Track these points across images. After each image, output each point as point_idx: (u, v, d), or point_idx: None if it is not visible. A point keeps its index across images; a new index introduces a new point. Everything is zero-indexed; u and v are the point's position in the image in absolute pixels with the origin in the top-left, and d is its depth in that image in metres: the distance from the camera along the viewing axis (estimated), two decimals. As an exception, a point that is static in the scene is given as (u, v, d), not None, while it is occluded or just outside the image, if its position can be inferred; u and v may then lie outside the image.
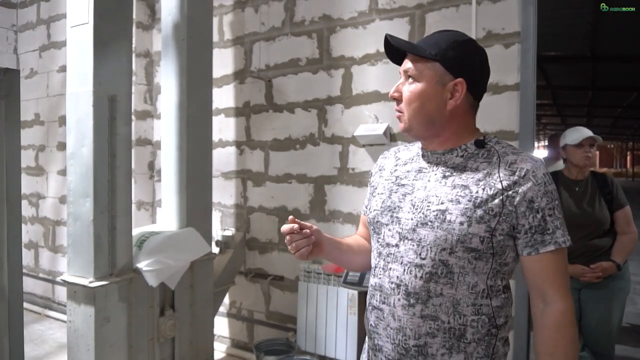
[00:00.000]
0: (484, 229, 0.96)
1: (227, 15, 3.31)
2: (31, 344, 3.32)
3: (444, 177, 1.03)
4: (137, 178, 3.56)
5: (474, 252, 0.97)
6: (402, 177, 1.10)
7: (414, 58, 1.04)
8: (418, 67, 1.03)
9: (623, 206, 2.32)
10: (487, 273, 1.00)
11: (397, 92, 1.07)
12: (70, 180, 2.11)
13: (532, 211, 0.96)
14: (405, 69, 1.06)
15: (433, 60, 1.01)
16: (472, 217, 0.96)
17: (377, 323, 1.07)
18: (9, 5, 4.33)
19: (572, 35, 5.70)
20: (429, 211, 1.00)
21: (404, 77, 1.07)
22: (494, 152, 1.03)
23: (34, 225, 4.27)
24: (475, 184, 0.99)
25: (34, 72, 4.22)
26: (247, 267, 3.23)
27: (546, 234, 0.97)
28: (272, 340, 2.91)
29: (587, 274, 2.24)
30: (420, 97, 1.02)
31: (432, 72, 1.02)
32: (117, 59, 2.11)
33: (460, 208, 0.97)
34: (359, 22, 2.78)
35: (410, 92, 1.04)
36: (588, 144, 2.35)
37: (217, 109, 3.29)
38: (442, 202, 1.00)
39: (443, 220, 0.98)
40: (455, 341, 0.99)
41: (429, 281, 0.99)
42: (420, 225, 1.00)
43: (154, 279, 2.20)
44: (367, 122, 2.74)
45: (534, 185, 0.97)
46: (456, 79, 1.01)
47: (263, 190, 3.16)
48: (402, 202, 1.05)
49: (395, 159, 1.18)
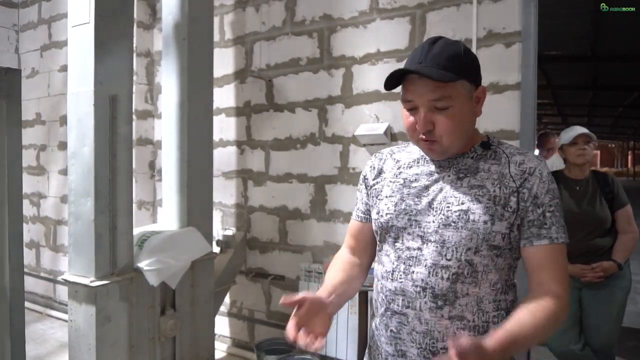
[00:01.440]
0: (505, 225, 0.99)
1: (227, 15, 3.31)
2: (32, 343, 3.32)
3: (459, 179, 1.04)
4: (137, 178, 3.56)
5: (496, 249, 1.00)
6: (412, 180, 1.08)
7: (439, 84, 0.96)
8: (449, 91, 0.97)
9: (624, 205, 2.32)
10: (505, 269, 1.03)
11: (430, 123, 0.99)
12: (71, 180, 2.11)
13: (535, 206, 0.99)
14: (433, 98, 0.97)
15: (459, 78, 0.98)
16: (495, 215, 0.98)
17: (399, 328, 1.05)
18: (10, 4, 4.33)
19: (573, 34, 5.70)
20: (450, 212, 1.00)
21: (423, 108, 0.98)
22: (501, 153, 1.05)
23: (35, 225, 4.28)
24: (492, 183, 1.01)
25: (35, 72, 4.23)
26: (248, 267, 3.23)
27: (542, 228, 0.99)
28: (272, 340, 2.91)
29: (588, 274, 2.24)
30: (461, 120, 1.00)
31: (463, 90, 0.99)
32: (118, 58, 2.11)
33: (482, 207, 0.99)
34: (360, 22, 2.78)
35: (451, 120, 0.98)
36: (582, 142, 2.35)
37: (217, 109, 3.29)
38: (463, 202, 1.00)
39: (467, 220, 0.99)
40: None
41: (456, 282, 0.99)
42: (443, 227, 1.00)
43: (155, 278, 2.20)
44: (368, 121, 2.74)
45: (540, 182, 1.00)
46: (478, 87, 1.03)
47: (264, 190, 3.17)
48: (419, 205, 1.04)
49: (395, 161, 1.15)
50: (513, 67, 2.32)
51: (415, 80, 0.99)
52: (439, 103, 0.98)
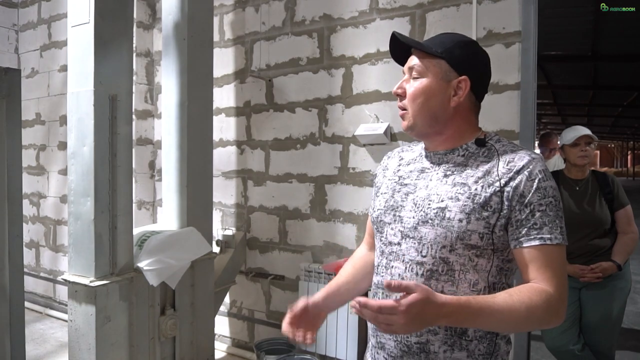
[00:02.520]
0: (482, 225, 0.96)
1: (227, 15, 3.31)
2: (32, 343, 3.33)
3: (445, 176, 1.04)
4: (137, 177, 3.57)
5: (474, 249, 0.98)
6: (405, 177, 1.11)
7: (420, 55, 1.06)
8: (424, 63, 1.04)
9: (624, 205, 2.31)
10: (489, 270, 1.00)
11: (400, 88, 1.08)
12: (71, 180, 2.11)
13: (521, 205, 0.95)
14: (410, 65, 1.07)
15: (439, 57, 1.03)
16: (471, 214, 0.97)
17: None
18: (10, 4, 4.33)
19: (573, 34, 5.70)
20: (429, 209, 1.01)
21: (407, 74, 1.08)
22: (494, 151, 1.03)
23: (35, 225, 4.28)
24: (475, 181, 1.00)
25: (35, 72, 4.23)
26: (248, 267, 3.23)
27: (532, 229, 0.94)
28: (272, 340, 2.91)
29: (587, 275, 2.24)
30: (425, 93, 1.04)
31: (437, 68, 1.03)
32: (118, 58, 2.11)
33: (459, 205, 0.98)
34: (360, 22, 2.78)
35: (415, 87, 1.05)
36: (584, 143, 2.35)
37: (217, 109, 3.29)
38: (442, 199, 1.00)
39: (443, 217, 0.98)
40: (457, 338, 0.99)
41: (430, 278, 0.99)
42: (421, 224, 1.01)
43: (155, 278, 2.20)
44: (368, 121, 2.74)
45: (527, 180, 0.96)
46: (460, 77, 1.03)
47: (264, 190, 3.17)
48: (405, 201, 1.07)
49: (399, 159, 1.19)
50: (513, 67, 2.32)
51: (414, 53, 1.08)
52: (414, 71, 1.06)
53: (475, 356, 1.00)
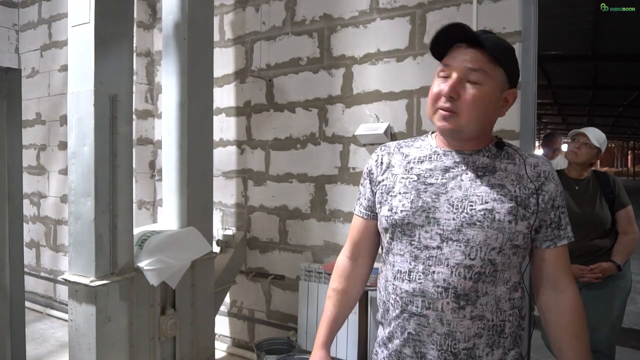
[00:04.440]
0: (525, 225, 1.00)
1: (228, 15, 3.32)
2: (33, 343, 3.33)
3: (478, 177, 1.03)
4: (138, 177, 3.57)
5: (515, 248, 1.01)
6: (427, 176, 1.05)
7: (484, 58, 0.98)
8: (488, 70, 0.98)
9: (625, 206, 2.31)
10: (517, 267, 1.05)
11: (455, 92, 0.98)
12: (72, 180, 2.11)
13: (553, 208, 1.04)
14: (472, 67, 0.98)
15: (499, 65, 1.00)
16: (517, 215, 0.99)
17: (419, 330, 1.02)
18: (11, 4, 4.33)
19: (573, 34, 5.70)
20: (474, 211, 0.99)
21: (458, 73, 0.99)
22: (514, 154, 1.07)
23: (36, 225, 4.28)
24: (511, 183, 1.02)
25: (35, 72, 4.23)
26: (248, 267, 3.23)
27: (561, 229, 1.05)
28: (273, 340, 2.91)
29: (587, 275, 2.24)
30: (486, 102, 0.99)
31: (499, 78, 1.00)
32: (118, 58, 2.11)
33: (506, 207, 0.99)
34: (360, 22, 2.78)
35: (476, 96, 0.98)
36: (581, 142, 2.36)
37: (218, 109, 3.29)
38: (486, 201, 0.99)
39: (492, 219, 0.98)
40: (497, 337, 1.02)
41: (478, 281, 0.99)
42: (466, 226, 0.99)
43: (155, 278, 2.20)
44: (368, 121, 2.74)
45: (555, 185, 1.04)
46: (510, 89, 1.04)
47: (264, 190, 3.17)
48: (437, 202, 1.02)
49: (403, 156, 1.12)
50: (513, 67, 2.32)
51: (462, 49, 1.00)
52: (474, 75, 0.98)
53: (507, 351, 1.04)
